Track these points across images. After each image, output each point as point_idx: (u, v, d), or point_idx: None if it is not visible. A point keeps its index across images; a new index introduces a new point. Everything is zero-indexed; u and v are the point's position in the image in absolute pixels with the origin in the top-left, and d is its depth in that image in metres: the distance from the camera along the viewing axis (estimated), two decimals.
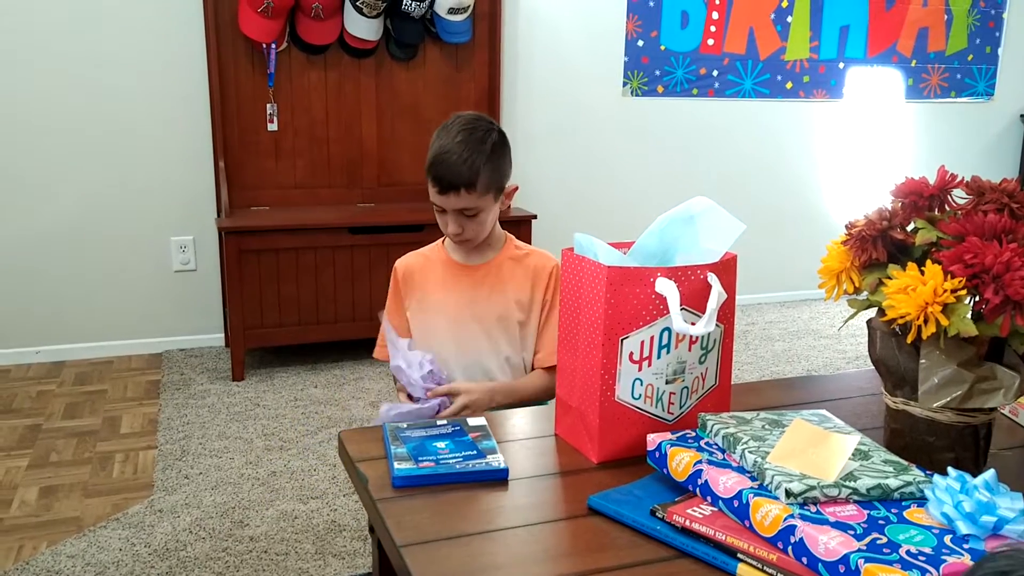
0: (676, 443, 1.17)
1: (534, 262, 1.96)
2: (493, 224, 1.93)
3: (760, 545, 1.00)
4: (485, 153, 1.83)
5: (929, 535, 0.96)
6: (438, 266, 1.97)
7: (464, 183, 1.80)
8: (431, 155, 1.83)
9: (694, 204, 1.34)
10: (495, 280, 1.94)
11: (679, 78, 4.52)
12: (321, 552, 2.32)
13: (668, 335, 1.27)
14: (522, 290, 1.93)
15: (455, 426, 1.39)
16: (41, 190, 3.67)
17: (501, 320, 1.92)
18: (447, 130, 1.86)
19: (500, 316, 1.92)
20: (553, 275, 1.95)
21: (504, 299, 1.92)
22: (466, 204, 1.82)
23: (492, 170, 1.84)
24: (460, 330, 1.92)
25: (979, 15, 5.01)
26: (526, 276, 1.94)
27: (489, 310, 1.92)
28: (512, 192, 1.94)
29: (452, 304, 1.93)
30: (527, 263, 1.96)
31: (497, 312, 1.92)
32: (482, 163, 1.82)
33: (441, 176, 1.81)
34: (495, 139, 1.87)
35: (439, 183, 1.81)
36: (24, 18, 3.52)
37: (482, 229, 1.88)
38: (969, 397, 1.16)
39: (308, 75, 3.88)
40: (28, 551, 2.31)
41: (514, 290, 1.93)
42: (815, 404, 1.54)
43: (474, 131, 1.84)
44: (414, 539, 1.08)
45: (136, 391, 3.47)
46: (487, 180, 1.83)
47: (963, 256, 1.13)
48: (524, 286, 1.94)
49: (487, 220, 1.88)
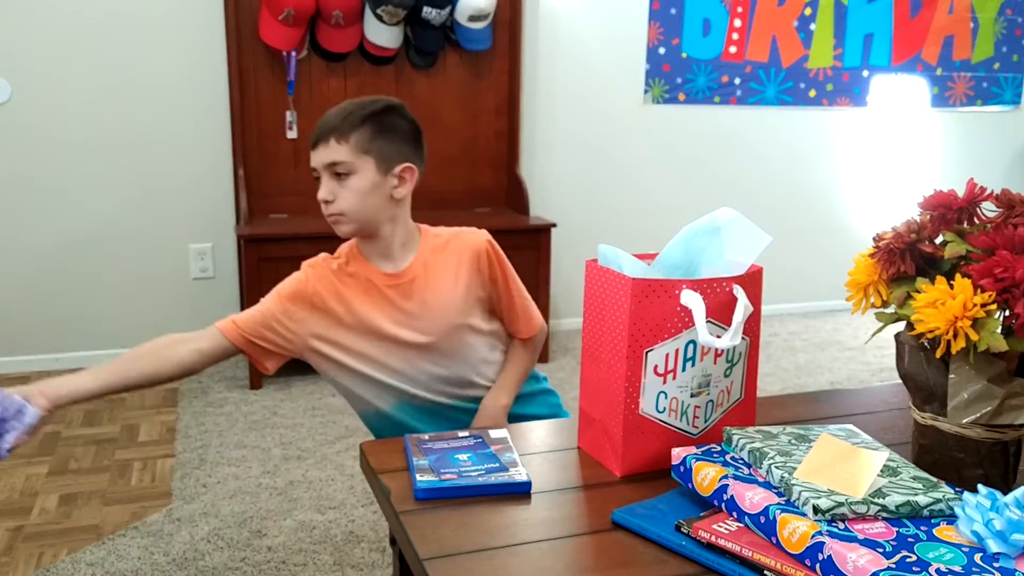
0: (701, 457, 1.16)
1: (460, 245, 1.79)
2: (377, 207, 1.72)
3: (787, 562, 0.99)
4: (368, 111, 1.69)
5: (959, 553, 0.94)
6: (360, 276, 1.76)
7: (333, 129, 1.66)
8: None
9: (720, 215, 1.33)
10: (425, 282, 1.76)
11: (701, 86, 4.51)
12: (339, 563, 2.31)
13: (693, 348, 1.25)
14: (460, 278, 1.76)
15: (477, 438, 1.38)
16: (60, 198, 3.69)
17: (455, 319, 1.75)
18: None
19: (451, 316, 1.75)
20: (488, 250, 1.78)
21: (445, 297, 1.75)
22: (334, 157, 1.67)
23: (374, 132, 1.69)
24: (411, 353, 1.75)
25: (1006, 23, 4.97)
26: (459, 262, 1.77)
27: (434, 319, 1.75)
28: (409, 174, 1.75)
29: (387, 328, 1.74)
30: (453, 248, 1.78)
31: (445, 316, 1.75)
32: (361, 118, 1.67)
33: (314, 132, 1.69)
34: (384, 105, 1.72)
35: (312, 140, 1.69)
36: (47, 28, 3.54)
37: (357, 201, 1.69)
38: (999, 413, 1.14)
39: (328, 83, 3.89)
40: (48, 558, 2.32)
41: (451, 283, 1.76)
42: (842, 418, 1.53)
43: (360, 99, 1.72)
44: (437, 552, 1.07)
45: (154, 399, 3.48)
46: (365, 138, 1.67)
47: (993, 270, 1.11)
48: (461, 274, 1.77)
49: (363, 190, 1.69)
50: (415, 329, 1.75)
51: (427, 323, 1.75)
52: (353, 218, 1.72)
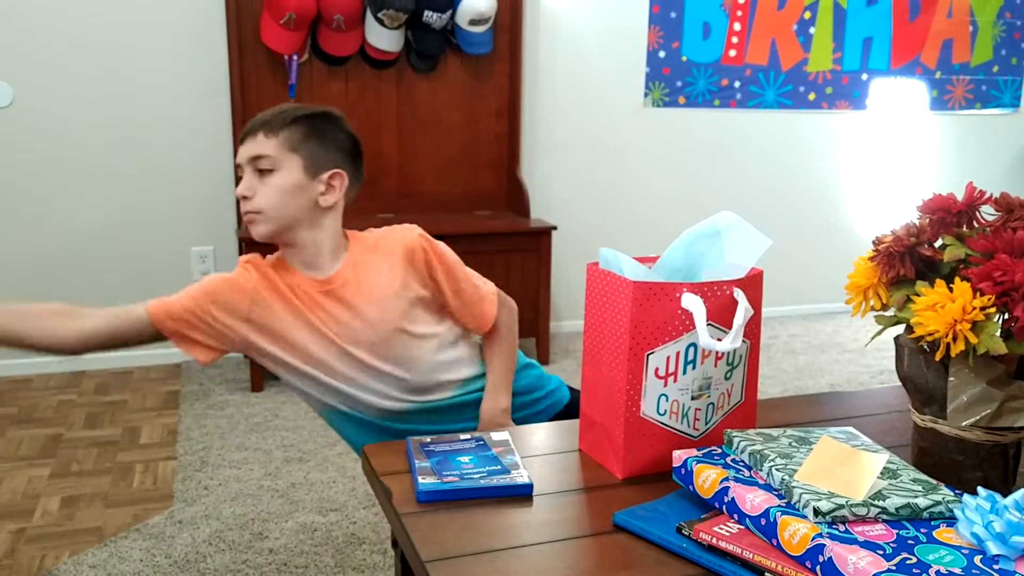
0: (702, 460, 1.16)
1: (391, 244, 1.69)
2: (298, 210, 1.63)
3: (788, 564, 0.99)
4: (303, 112, 1.64)
5: (959, 555, 0.94)
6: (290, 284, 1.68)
7: (263, 124, 1.61)
8: None
9: (720, 219, 1.34)
10: (357, 285, 1.67)
11: (701, 89, 4.51)
12: (341, 565, 2.32)
13: (694, 351, 1.26)
14: (395, 278, 1.67)
15: (479, 441, 1.38)
16: (61, 201, 3.70)
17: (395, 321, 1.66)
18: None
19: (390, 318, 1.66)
20: (422, 244, 1.68)
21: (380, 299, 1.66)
22: (259, 151, 1.60)
23: (306, 134, 1.62)
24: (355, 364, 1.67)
25: (1004, 26, 4.98)
26: (392, 262, 1.68)
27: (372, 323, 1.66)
28: (338, 182, 1.66)
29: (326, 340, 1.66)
30: (383, 248, 1.69)
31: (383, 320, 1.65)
32: (294, 117, 1.62)
33: (246, 127, 1.64)
34: (324, 112, 1.67)
35: (242, 133, 1.64)
36: (49, 33, 3.55)
37: (277, 199, 1.61)
38: (999, 416, 1.15)
39: (329, 86, 3.90)
40: (51, 560, 2.32)
41: (385, 283, 1.66)
42: (841, 421, 1.53)
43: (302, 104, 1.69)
44: (439, 554, 1.08)
45: (156, 401, 3.49)
46: (295, 137, 1.61)
47: (992, 273, 1.12)
48: (396, 273, 1.67)
49: (284, 189, 1.60)
50: (352, 340, 1.66)
51: (365, 329, 1.66)
52: (270, 217, 1.63)
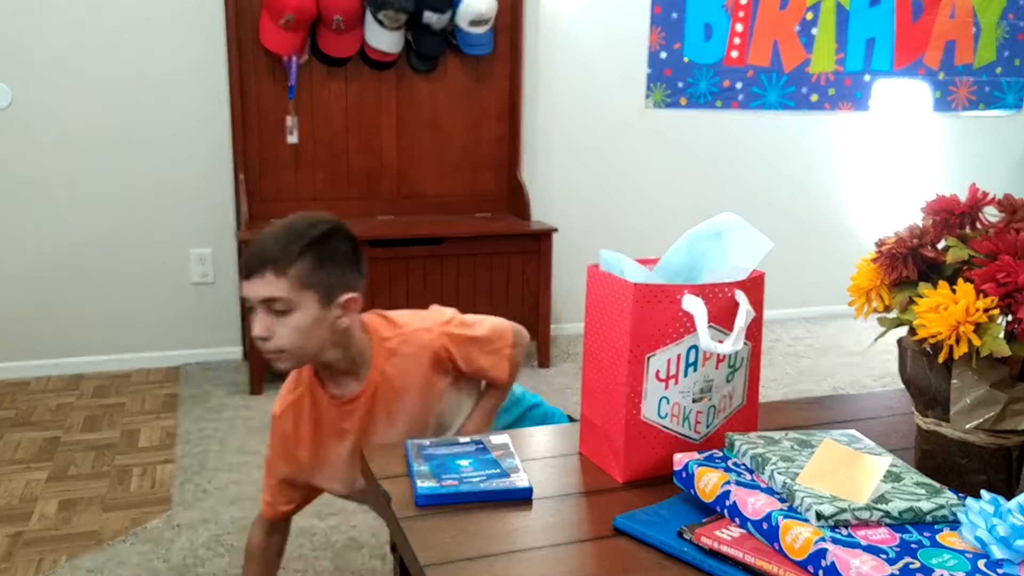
0: (703, 463, 1.16)
1: (414, 348, 1.68)
2: (322, 341, 1.58)
3: (790, 568, 0.98)
4: (308, 239, 1.54)
5: (963, 559, 0.94)
6: (323, 409, 1.69)
7: (271, 261, 1.50)
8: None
9: (721, 220, 1.33)
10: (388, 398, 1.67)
11: (702, 90, 4.51)
12: (340, 569, 2.31)
13: (695, 353, 1.25)
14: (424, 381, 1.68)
15: (478, 444, 1.38)
16: (61, 203, 3.70)
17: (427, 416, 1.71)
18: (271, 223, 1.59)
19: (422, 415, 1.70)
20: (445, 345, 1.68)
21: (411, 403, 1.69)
22: (272, 292, 1.51)
23: (316, 263, 1.54)
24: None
25: (1008, 27, 4.97)
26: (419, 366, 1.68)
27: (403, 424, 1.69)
28: (353, 305, 1.60)
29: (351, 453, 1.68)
30: (406, 353, 1.68)
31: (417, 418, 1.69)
32: (300, 248, 1.53)
33: (247, 259, 1.53)
34: (325, 230, 1.57)
35: (245, 268, 1.53)
36: (48, 34, 3.55)
37: (298, 338, 1.55)
38: (1002, 418, 1.14)
39: (329, 87, 3.90)
40: (48, 564, 2.31)
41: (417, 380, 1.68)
42: (844, 424, 1.52)
43: (297, 220, 1.57)
44: (438, 559, 1.07)
45: (154, 404, 3.48)
46: (306, 271, 1.53)
47: (995, 275, 1.11)
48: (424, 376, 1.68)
49: (305, 328, 1.54)
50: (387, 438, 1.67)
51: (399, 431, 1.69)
52: (295, 355, 1.59)
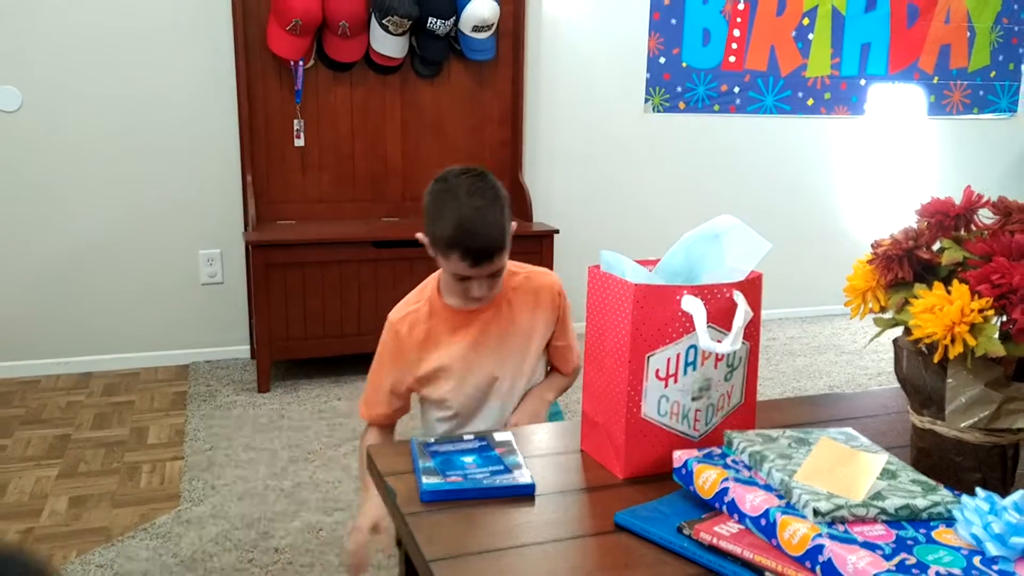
0: (702, 460, 1.18)
1: (536, 284, 1.88)
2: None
3: (787, 564, 1.00)
4: (502, 208, 1.73)
5: (958, 556, 0.95)
6: (442, 317, 1.83)
7: (498, 248, 1.70)
8: (451, 227, 1.67)
9: (720, 222, 1.35)
10: (506, 318, 1.85)
11: (701, 95, 4.53)
12: (346, 564, 2.33)
13: (694, 353, 1.27)
14: (534, 317, 1.87)
15: (482, 441, 1.40)
16: (70, 204, 3.72)
17: (521, 357, 1.87)
18: (453, 195, 1.71)
19: (519, 354, 1.86)
20: (562, 291, 1.90)
21: (519, 334, 1.86)
22: (499, 267, 1.73)
23: (508, 223, 1.76)
24: (479, 380, 1.85)
25: (1002, 31, 4.99)
26: (536, 301, 1.87)
27: (506, 353, 1.85)
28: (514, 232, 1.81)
29: (465, 355, 1.83)
30: (530, 287, 1.88)
31: (516, 351, 1.86)
32: (505, 221, 1.73)
33: (473, 249, 1.68)
34: (501, 190, 1.76)
35: (471, 255, 1.68)
36: (57, 37, 3.57)
37: (501, 283, 1.80)
38: (997, 417, 1.15)
39: (334, 91, 3.92)
40: (58, 560, 2.34)
41: (527, 320, 1.86)
42: (840, 422, 1.54)
43: (483, 190, 1.72)
44: (443, 554, 1.09)
45: (163, 402, 3.50)
46: (509, 235, 1.75)
47: (990, 276, 1.12)
48: (536, 312, 1.87)
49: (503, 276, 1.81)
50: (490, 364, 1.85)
51: (503, 357, 1.85)
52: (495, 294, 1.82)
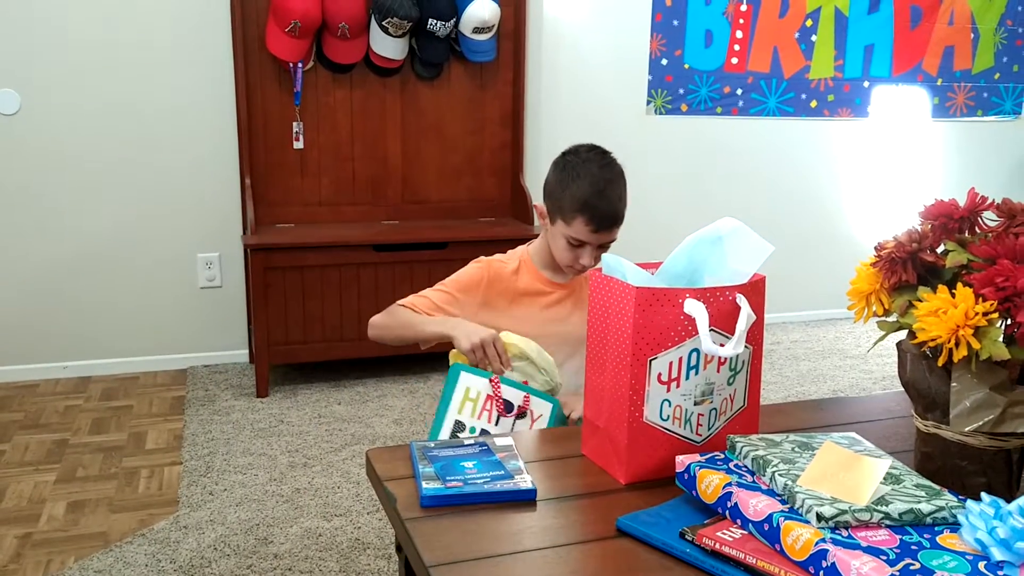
0: (705, 465, 1.17)
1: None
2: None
3: (791, 569, 0.99)
4: (624, 186, 1.90)
5: (963, 561, 0.95)
6: (527, 278, 1.99)
7: (620, 218, 1.87)
8: (585, 190, 1.83)
9: (722, 225, 1.34)
10: (577, 299, 1.99)
11: (703, 96, 4.52)
12: (345, 570, 2.32)
13: (697, 356, 1.26)
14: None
15: (482, 445, 1.39)
16: (69, 208, 3.71)
17: (578, 341, 1.88)
18: (585, 165, 1.86)
19: (577, 338, 1.90)
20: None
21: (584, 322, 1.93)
22: (612, 238, 1.88)
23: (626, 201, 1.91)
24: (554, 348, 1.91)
25: (1006, 33, 4.98)
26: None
27: (569, 329, 1.95)
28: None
29: (534, 318, 1.96)
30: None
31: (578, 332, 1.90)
32: (626, 198, 1.90)
33: (602, 215, 1.84)
34: (623, 170, 1.92)
35: (598, 221, 1.83)
36: (55, 40, 3.57)
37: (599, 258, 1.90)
38: (1002, 421, 1.15)
39: (334, 93, 3.91)
40: (56, 565, 2.33)
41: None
42: (844, 426, 1.53)
43: (610, 164, 1.89)
44: (443, 559, 1.08)
45: (161, 407, 3.49)
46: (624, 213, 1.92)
47: (994, 279, 1.12)
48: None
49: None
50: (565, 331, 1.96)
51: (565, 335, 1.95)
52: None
